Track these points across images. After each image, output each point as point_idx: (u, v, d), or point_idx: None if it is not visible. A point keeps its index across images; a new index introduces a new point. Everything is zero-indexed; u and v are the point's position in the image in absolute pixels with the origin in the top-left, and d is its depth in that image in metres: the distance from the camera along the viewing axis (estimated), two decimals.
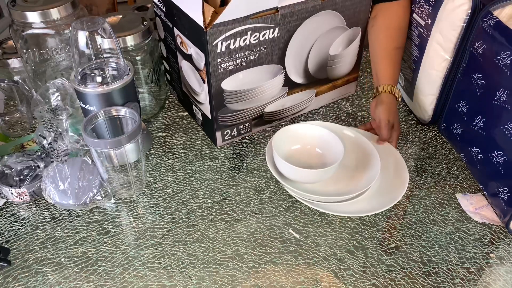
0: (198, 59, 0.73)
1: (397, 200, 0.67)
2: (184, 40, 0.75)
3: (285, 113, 0.87)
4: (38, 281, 0.60)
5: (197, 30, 0.68)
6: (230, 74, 0.74)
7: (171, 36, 0.80)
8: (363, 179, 0.70)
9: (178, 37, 0.77)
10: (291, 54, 0.78)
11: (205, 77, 0.73)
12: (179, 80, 0.86)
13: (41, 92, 0.71)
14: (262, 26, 0.71)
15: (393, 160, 0.75)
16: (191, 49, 0.74)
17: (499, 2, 0.65)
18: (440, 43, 0.75)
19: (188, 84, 0.82)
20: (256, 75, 0.77)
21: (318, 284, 0.60)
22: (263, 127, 0.86)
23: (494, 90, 0.65)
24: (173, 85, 0.93)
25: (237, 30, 0.68)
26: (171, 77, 0.92)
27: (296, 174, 0.69)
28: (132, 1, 2.11)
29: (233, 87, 0.76)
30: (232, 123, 0.81)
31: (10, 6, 0.77)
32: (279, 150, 0.70)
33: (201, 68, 0.73)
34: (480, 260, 0.63)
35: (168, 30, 0.81)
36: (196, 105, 0.83)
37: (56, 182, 0.67)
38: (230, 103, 0.78)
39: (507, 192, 0.65)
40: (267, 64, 0.77)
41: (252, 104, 0.81)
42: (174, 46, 0.81)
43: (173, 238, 0.66)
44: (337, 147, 0.71)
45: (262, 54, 0.74)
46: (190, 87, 0.82)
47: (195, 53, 0.73)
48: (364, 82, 1.01)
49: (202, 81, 0.75)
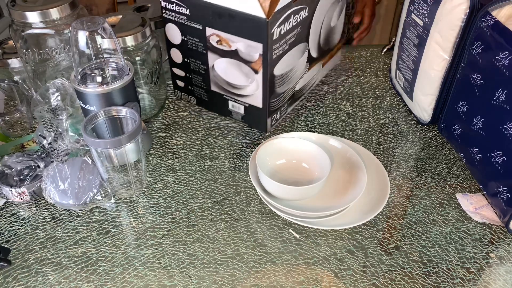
0: (249, 51, 0.76)
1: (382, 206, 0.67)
2: (226, 37, 0.77)
3: (306, 88, 0.94)
4: (38, 281, 0.60)
5: (254, 22, 0.71)
6: (279, 59, 0.78)
7: (197, 39, 0.81)
8: (351, 190, 0.69)
9: (214, 36, 0.78)
10: (312, 30, 0.86)
11: (259, 67, 0.77)
12: (204, 82, 0.87)
13: (41, 92, 0.71)
14: (299, 8, 0.77)
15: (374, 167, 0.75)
16: (236, 44, 0.76)
17: (497, 2, 0.66)
18: (439, 43, 0.76)
19: (225, 81, 0.84)
20: (293, 55, 0.83)
21: (318, 284, 0.60)
22: (292, 106, 0.92)
23: (493, 90, 0.65)
24: (189, 90, 0.92)
25: (286, 15, 0.74)
26: (186, 83, 0.91)
27: (282, 192, 0.66)
28: (132, 1, 2.11)
29: (281, 71, 0.80)
30: (278, 106, 0.85)
31: (10, 6, 0.77)
32: (263, 166, 0.69)
33: (254, 60, 0.76)
34: (480, 260, 0.63)
35: (193, 33, 0.81)
36: (236, 100, 0.85)
37: (56, 182, 0.67)
38: (278, 87, 0.82)
39: (506, 192, 0.65)
40: (300, 43, 0.83)
41: (290, 84, 0.86)
42: (203, 47, 0.82)
43: (173, 238, 0.66)
44: (324, 161, 0.69)
45: (298, 35, 0.81)
46: (229, 83, 0.83)
47: (245, 47, 0.76)
48: (364, 82, 1.01)
49: (254, 72, 0.78)
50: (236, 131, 0.87)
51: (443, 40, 0.75)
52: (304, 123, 0.89)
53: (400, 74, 0.91)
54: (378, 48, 1.14)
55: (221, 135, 0.86)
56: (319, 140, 0.76)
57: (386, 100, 0.96)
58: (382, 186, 0.71)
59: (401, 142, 0.84)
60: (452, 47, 0.74)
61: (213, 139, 0.85)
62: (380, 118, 0.90)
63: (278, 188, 0.66)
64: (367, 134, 0.86)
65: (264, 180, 0.67)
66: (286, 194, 0.67)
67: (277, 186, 0.65)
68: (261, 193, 0.69)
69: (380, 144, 0.83)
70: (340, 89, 0.99)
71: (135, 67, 0.82)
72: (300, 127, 0.88)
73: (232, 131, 0.87)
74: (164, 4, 0.81)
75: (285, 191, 0.66)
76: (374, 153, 0.79)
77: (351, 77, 1.03)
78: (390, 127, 0.88)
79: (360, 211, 0.67)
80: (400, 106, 0.94)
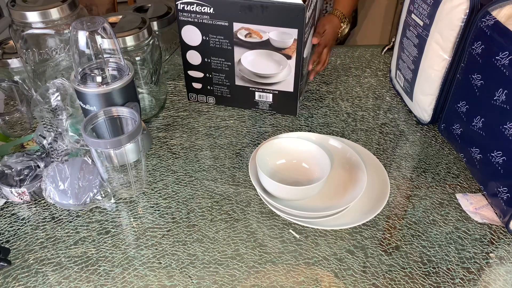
0: (283, 38, 0.80)
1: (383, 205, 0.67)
2: (256, 29, 0.80)
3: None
4: (38, 281, 0.60)
5: (290, 9, 0.76)
6: (307, 42, 0.84)
7: (221, 36, 0.83)
8: (350, 191, 0.69)
9: (243, 30, 0.81)
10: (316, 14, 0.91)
11: (293, 52, 0.81)
12: (228, 78, 0.89)
13: (41, 92, 0.71)
14: None
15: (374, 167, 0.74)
16: (269, 34, 0.80)
17: (497, 2, 0.66)
18: (439, 43, 0.76)
19: (253, 73, 0.87)
20: (310, 38, 0.88)
21: (318, 284, 0.60)
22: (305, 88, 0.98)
23: (493, 90, 0.65)
24: (207, 91, 0.93)
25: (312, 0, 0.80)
26: (205, 83, 0.92)
27: (282, 192, 0.67)
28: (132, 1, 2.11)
29: (306, 53, 0.85)
30: (301, 89, 0.90)
31: (10, 6, 0.77)
32: (263, 166, 0.69)
33: (287, 46, 0.81)
34: (480, 260, 0.63)
35: (217, 31, 0.82)
36: (264, 90, 0.88)
37: (56, 182, 0.67)
38: (304, 69, 0.88)
39: (506, 192, 0.65)
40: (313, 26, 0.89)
41: (306, 65, 0.91)
42: (228, 44, 0.83)
43: (173, 238, 0.66)
44: (324, 161, 0.69)
45: (312, 19, 0.86)
46: (257, 75, 0.86)
47: (278, 35, 0.80)
48: (364, 82, 1.01)
49: (286, 58, 0.82)
50: (236, 131, 0.87)
51: (443, 40, 0.75)
52: (304, 123, 0.89)
53: (400, 74, 0.91)
54: (378, 48, 1.14)
55: (221, 135, 0.86)
56: (319, 140, 0.76)
57: (386, 100, 0.96)
58: (382, 186, 0.71)
59: (401, 142, 0.84)
60: (452, 47, 0.74)
61: (213, 139, 0.85)
62: (380, 118, 0.90)
63: (278, 188, 0.66)
64: (367, 134, 0.86)
65: (264, 180, 0.67)
66: (286, 194, 0.67)
67: (277, 186, 0.65)
68: (261, 193, 0.69)
69: (380, 144, 0.83)
70: (340, 89, 0.99)
71: (135, 67, 0.82)
72: (300, 127, 0.88)
73: (232, 131, 0.87)
74: (182, 6, 0.81)
75: (285, 191, 0.66)
76: (374, 153, 0.79)
77: (351, 77, 1.03)
78: (390, 127, 0.88)
79: (360, 211, 0.67)
80: (400, 106, 0.94)
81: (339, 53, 1.12)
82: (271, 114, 0.91)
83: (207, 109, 0.94)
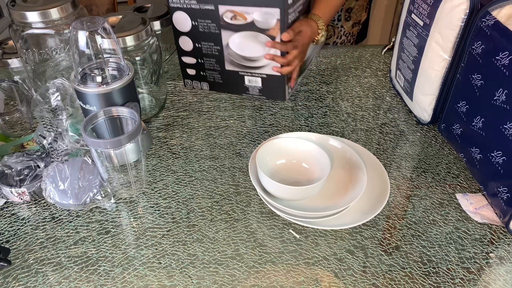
0: (266, 19, 0.81)
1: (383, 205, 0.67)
2: (241, 10, 0.81)
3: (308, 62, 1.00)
4: (38, 281, 0.60)
5: None
6: (292, 24, 0.84)
7: (209, 20, 0.84)
8: (350, 191, 0.69)
9: (228, 12, 0.82)
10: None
11: (277, 32, 0.82)
12: (218, 63, 0.90)
13: (41, 92, 0.71)
14: None
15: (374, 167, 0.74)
16: (252, 15, 0.81)
17: (497, 2, 0.66)
18: (439, 43, 0.76)
19: (241, 56, 0.87)
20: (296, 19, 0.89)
21: (318, 284, 0.60)
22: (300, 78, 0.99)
23: (493, 90, 0.65)
24: (201, 76, 0.95)
25: None
26: (198, 69, 0.94)
27: (282, 192, 0.66)
28: (132, 1, 2.11)
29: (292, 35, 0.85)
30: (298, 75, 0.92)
31: (10, 6, 0.77)
32: (263, 166, 0.69)
33: (271, 26, 0.82)
34: (480, 260, 0.63)
35: (204, 15, 0.84)
36: (253, 74, 0.89)
37: (56, 182, 0.67)
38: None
39: (506, 192, 0.65)
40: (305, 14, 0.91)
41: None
42: (215, 27, 0.85)
43: (173, 238, 0.66)
44: (324, 161, 0.69)
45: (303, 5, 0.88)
46: (244, 58, 0.87)
47: (261, 15, 0.81)
48: (364, 82, 1.01)
49: (271, 39, 0.83)
50: (236, 131, 0.87)
51: (443, 40, 0.75)
52: (304, 123, 0.89)
53: (400, 74, 0.91)
54: (378, 48, 1.14)
55: (221, 135, 0.86)
56: (319, 140, 0.76)
57: (386, 100, 0.96)
58: (382, 186, 0.71)
59: (401, 142, 0.84)
60: (452, 47, 0.74)
61: (213, 139, 0.85)
62: (380, 118, 0.90)
63: (278, 188, 0.66)
64: (367, 134, 0.86)
65: (264, 180, 0.67)
66: (286, 194, 0.67)
67: (277, 186, 0.65)
68: (261, 193, 0.69)
69: (380, 144, 0.83)
70: (340, 89, 0.99)
71: (135, 67, 0.83)
72: (300, 127, 0.88)
73: (232, 131, 0.87)
74: None
75: (285, 191, 0.66)
76: (374, 153, 0.79)
77: (351, 77, 1.03)
78: (390, 127, 0.88)
79: (360, 211, 0.67)
80: (400, 106, 0.94)
81: (339, 53, 1.12)
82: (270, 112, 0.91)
83: (207, 109, 0.94)
